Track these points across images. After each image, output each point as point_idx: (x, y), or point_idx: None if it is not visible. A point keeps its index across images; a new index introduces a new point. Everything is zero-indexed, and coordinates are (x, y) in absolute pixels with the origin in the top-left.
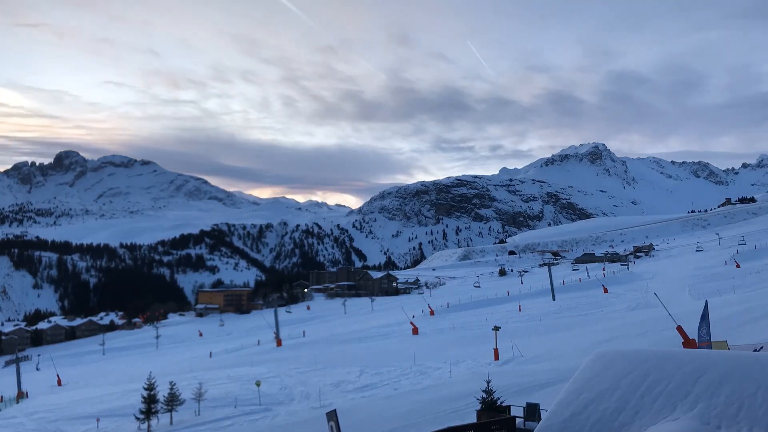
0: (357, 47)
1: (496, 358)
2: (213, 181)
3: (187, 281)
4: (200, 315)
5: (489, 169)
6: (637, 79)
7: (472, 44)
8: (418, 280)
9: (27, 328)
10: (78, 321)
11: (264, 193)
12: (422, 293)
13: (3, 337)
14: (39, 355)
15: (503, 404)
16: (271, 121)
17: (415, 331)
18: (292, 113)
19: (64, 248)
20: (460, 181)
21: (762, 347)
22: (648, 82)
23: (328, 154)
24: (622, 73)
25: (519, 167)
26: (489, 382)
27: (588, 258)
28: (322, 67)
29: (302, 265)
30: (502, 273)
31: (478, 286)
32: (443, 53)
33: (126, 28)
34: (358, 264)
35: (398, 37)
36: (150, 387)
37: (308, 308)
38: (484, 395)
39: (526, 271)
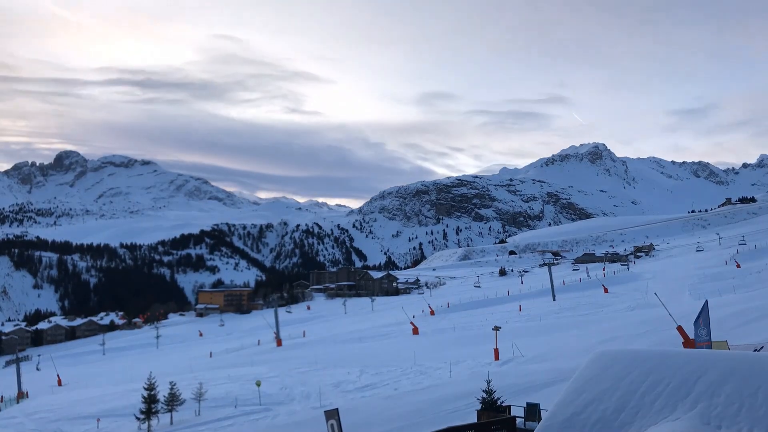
0: None
1: (497, 358)
2: (213, 181)
3: (187, 281)
4: (200, 315)
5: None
6: None
7: None
8: (418, 280)
9: (27, 328)
10: (78, 321)
11: (264, 193)
12: (422, 293)
13: (3, 337)
14: (39, 355)
15: (503, 404)
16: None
17: (416, 331)
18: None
19: (64, 248)
20: (460, 181)
21: (762, 347)
22: None
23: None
24: None
25: (519, 167)
26: (489, 382)
27: (588, 258)
28: None
29: (302, 265)
30: (503, 273)
31: (479, 286)
32: None
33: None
34: (359, 264)
35: None
36: (150, 387)
37: (308, 308)
38: (485, 395)
39: (527, 271)
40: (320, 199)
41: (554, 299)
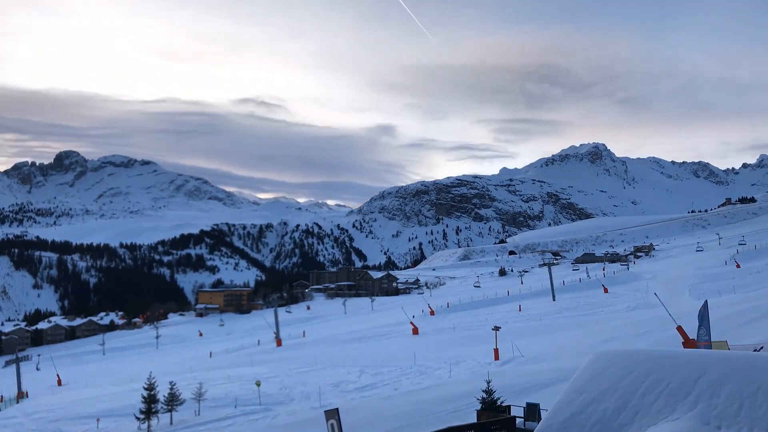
0: None
1: (496, 358)
2: (213, 181)
3: (187, 281)
4: (200, 315)
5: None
6: None
7: None
8: (418, 280)
9: (27, 328)
10: (78, 321)
11: (264, 193)
12: (422, 293)
13: (3, 337)
14: (39, 355)
15: (503, 404)
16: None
17: (415, 331)
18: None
19: (64, 248)
20: (460, 181)
21: (762, 347)
22: None
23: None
24: None
25: (519, 167)
26: (489, 382)
27: (588, 258)
28: None
29: (302, 265)
30: (502, 273)
31: (478, 286)
32: None
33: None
34: (358, 264)
35: None
36: (150, 387)
37: (308, 308)
38: (484, 395)
39: (527, 271)
40: (320, 200)
41: (554, 299)
